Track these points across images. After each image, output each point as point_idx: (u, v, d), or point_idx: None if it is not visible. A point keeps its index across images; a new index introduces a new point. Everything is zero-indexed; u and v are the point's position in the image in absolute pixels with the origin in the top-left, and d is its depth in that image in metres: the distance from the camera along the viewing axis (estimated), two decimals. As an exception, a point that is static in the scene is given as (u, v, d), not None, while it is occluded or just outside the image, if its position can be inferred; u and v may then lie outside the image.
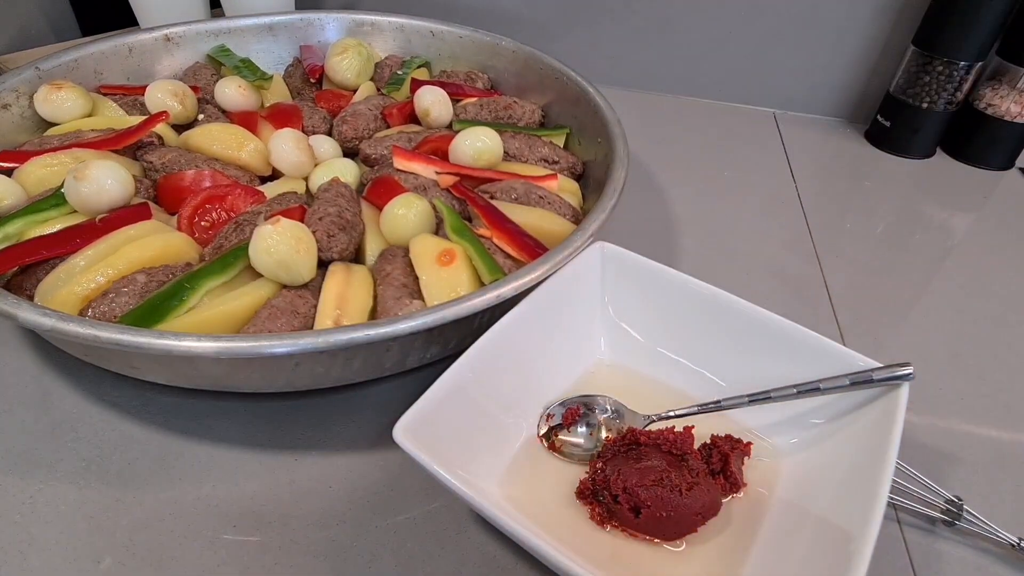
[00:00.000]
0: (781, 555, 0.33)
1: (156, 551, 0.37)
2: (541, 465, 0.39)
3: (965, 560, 0.39)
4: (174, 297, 0.41)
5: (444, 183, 0.56)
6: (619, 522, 0.36)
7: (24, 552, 0.36)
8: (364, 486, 0.41)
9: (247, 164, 0.57)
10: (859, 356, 0.38)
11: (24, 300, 0.37)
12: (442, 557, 0.37)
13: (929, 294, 0.62)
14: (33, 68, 0.60)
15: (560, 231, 0.51)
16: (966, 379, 0.52)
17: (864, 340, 0.55)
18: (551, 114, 0.70)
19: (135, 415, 0.44)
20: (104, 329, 0.35)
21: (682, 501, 0.34)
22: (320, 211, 0.48)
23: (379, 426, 0.44)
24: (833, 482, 0.35)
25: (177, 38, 0.71)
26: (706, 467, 0.37)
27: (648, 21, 0.92)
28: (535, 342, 0.42)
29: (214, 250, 0.48)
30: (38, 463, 0.41)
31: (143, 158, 0.56)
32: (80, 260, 0.44)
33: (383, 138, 0.62)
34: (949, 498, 0.40)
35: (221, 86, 0.65)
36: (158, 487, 0.40)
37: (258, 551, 0.37)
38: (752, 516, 0.36)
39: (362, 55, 0.72)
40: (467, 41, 0.76)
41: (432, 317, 0.38)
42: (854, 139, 0.90)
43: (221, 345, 0.35)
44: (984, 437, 0.47)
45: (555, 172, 0.60)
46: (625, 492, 0.35)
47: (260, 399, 0.46)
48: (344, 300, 0.43)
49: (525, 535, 0.29)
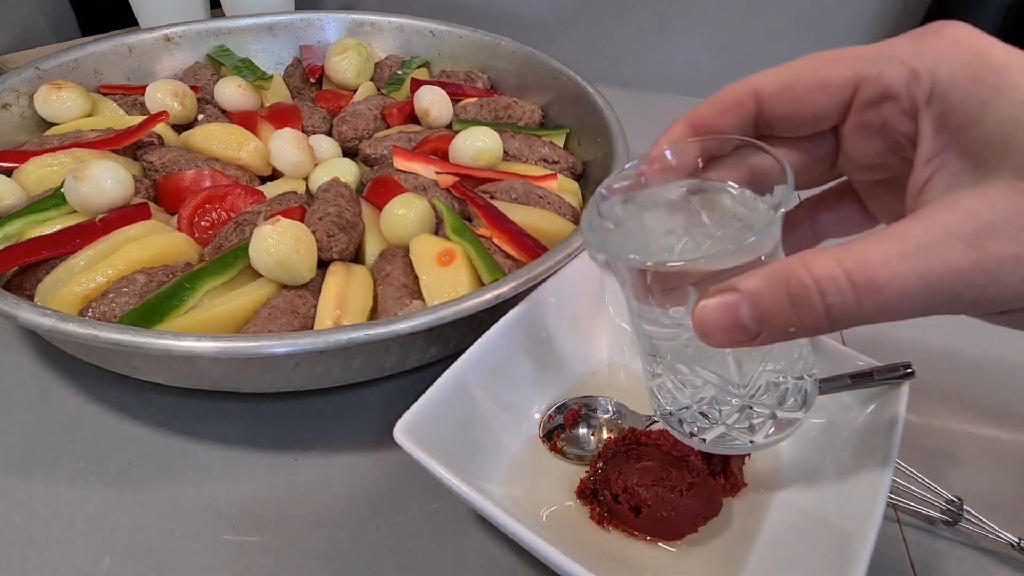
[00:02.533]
0: (781, 555, 0.33)
1: (156, 551, 0.37)
2: (542, 465, 0.39)
3: (965, 560, 0.39)
4: (174, 297, 0.41)
5: (444, 183, 0.56)
6: (619, 522, 0.36)
7: (24, 552, 0.36)
8: (364, 486, 0.41)
9: (247, 164, 0.57)
10: (860, 355, 0.38)
11: (24, 300, 0.37)
12: (442, 557, 0.37)
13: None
14: (33, 68, 0.60)
15: (560, 231, 0.51)
16: (966, 379, 0.52)
17: (864, 340, 0.55)
18: (551, 114, 0.70)
19: (135, 415, 0.44)
20: (104, 329, 0.35)
21: (682, 501, 0.34)
22: (320, 211, 0.48)
23: (379, 426, 0.44)
24: (833, 482, 0.35)
25: (177, 38, 0.71)
26: (706, 467, 0.37)
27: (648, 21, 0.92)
28: (536, 342, 0.42)
29: (214, 250, 0.48)
30: (38, 463, 0.41)
31: (143, 158, 0.56)
32: (80, 260, 0.44)
33: (383, 138, 0.63)
34: (949, 498, 0.40)
35: (221, 86, 0.65)
36: (158, 487, 0.40)
37: (258, 551, 0.37)
38: (752, 516, 0.36)
39: (362, 55, 0.72)
40: (467, 41, 0.76)
41: (432, 317, 0.38)
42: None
43: (221, 345, 0.35)
44: (984, 437, 0.47)
45: (555, 172, 0.60)
46: (625, 492, 0.35)
47: (260, 399, 0.46)
48: (344, 300, 0.43)
49: (525, 535, 0.29)
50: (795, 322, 0.22)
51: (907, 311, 0.21)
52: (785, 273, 0.21)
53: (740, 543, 0.35)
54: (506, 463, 0.39)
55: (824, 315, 0.21)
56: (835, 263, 0.21)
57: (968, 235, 0.20)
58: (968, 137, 0.21)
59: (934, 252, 0.20)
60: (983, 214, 0.20)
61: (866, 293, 0.20)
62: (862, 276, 0.20)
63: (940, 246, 0.20)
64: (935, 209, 0.21)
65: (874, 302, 0.20)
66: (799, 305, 0.21)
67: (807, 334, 0.22)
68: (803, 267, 0.21)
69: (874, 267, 0.20)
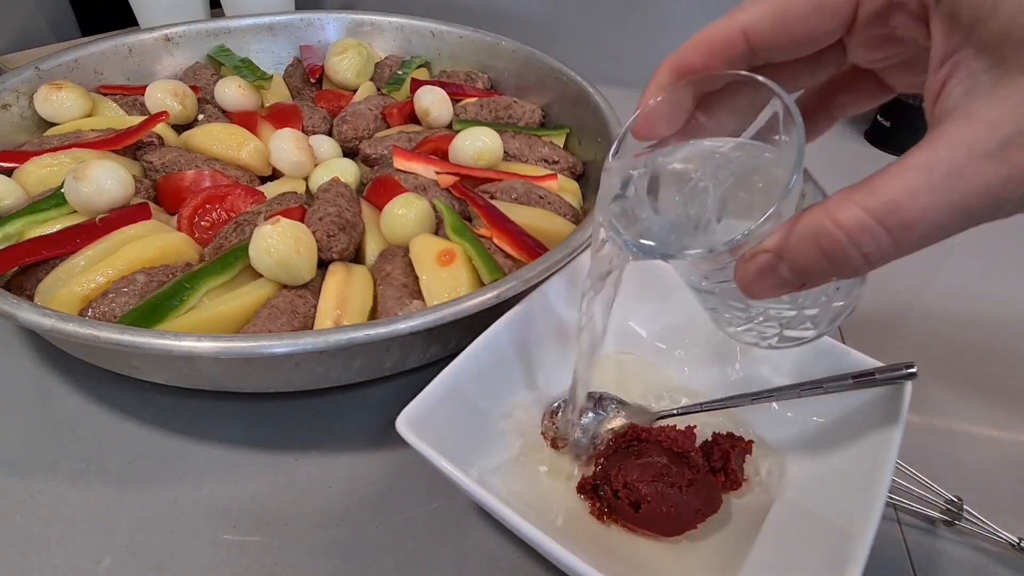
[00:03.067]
0: (780, 553, 0.33)
1: (156, 551, 0.37)
2: (543, 461, 0.39)
3: (965, 560, 0.39)
4: (174, 297, 0.41)
5: (444, 183, 0.56)
6: (620, 517, 0.36)
7: (24, 552, 0.36)
8: (364, 486, 0.41)
9: (247, 164, 0.57)
10: (862, 356, 0.38)
11: (24, 300, 0.37)
12: (442, 556, 0.37)
13: (929, 294, 0.62)
14: (33, 68, 0.60)
15: (560, 231, 0.51)
16: (966, 379, 0.52)
17: (864, 340, 0.55)
18: (551, 114, 0.70)
19: (135, 415, 0.44)
20: (104, 329, 0.35)
21: (682, 497, 0.35)
22: (320, 211, 0.48)
23: (379, 426, 0.44)
24: (833, 481, 0.35)
25: (177, 38, 0.71)
26: (707, 464, 0.37)
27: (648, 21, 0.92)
28: (538, 339, 0.42)
29: (214, 250, 0.48)
30: (38, 463, 0.41)
31: (143, 158, 0.56)
32: (80, 260, 0.44)
33: (383, 138, 0.62)
34: (949, 498, 0.40)
35: (221, 86, 0.65)
36: (158, 487, 0.40)
37: (258, 551, 0.37)
38: (752, 513, 0.36)
39: (362, 55, 0.72)
40: (467, 41, 0.76)
41: (432, 317, 0.38)
42: (854, 139, 0.90)
43: (221, 345, 0.35)
44: (984, 437, 0.47)
45: (555, 172, 0.60)
46: (626, 487, 0.35)
47: (260, 399, 0.46)
48: (344, 300, 0.43)
49: (527, 528, 0.29)
50: (835, 272, 0.21)
51: (948, 235, 0.20)
52: (814, 230, 0.21)
53: (739, 540, 0.35)
54: (508, 458, 0.39)
55: (864, 262, 0.21)
56: (861, 210, 0.20)
57: (995, 150, 0.19)
58: (982, 33, 0.20)
59: (963, 176, 0.19)
60: (1006, 124, 0.19)
61: (901, 233, 0.20)
62: (893, 219, 0.20)
63: (969, 169, 0.19)
64: (956, 125, 0.20)
65: (911, 239, 0.20)
66: (836, 259, 0.21)
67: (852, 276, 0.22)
68: (831, 221, 0.20)
69: (904, 206, 0.19)
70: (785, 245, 0.22)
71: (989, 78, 0.20)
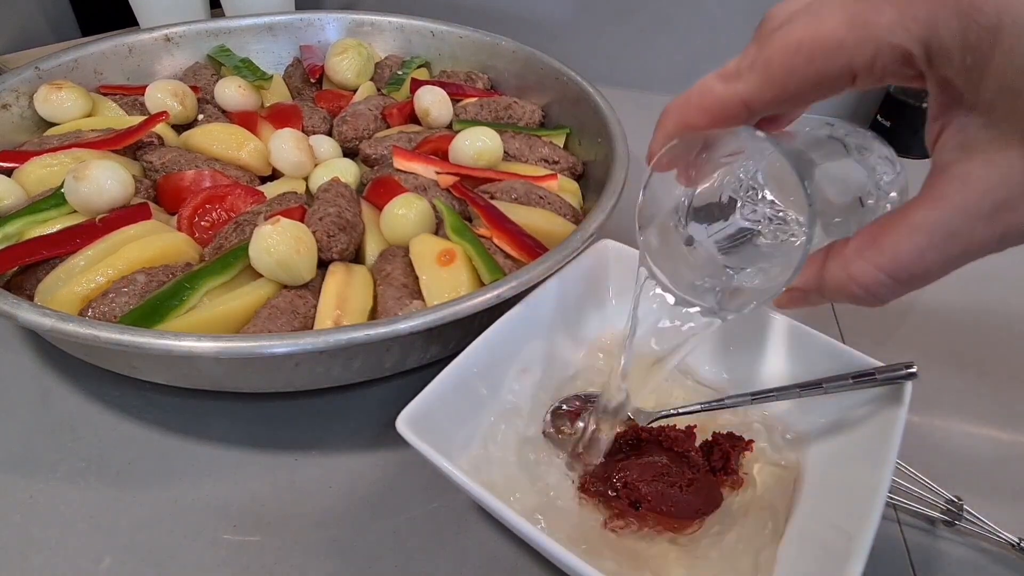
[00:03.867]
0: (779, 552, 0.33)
1: (156, 551, 0.37)
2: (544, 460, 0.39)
3: (965, 560, 0.39)
4: (174, 297, 0.41)
5: (444, 183, 0.56)
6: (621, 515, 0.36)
7: (24, 552, 0.36)
8: (364, 486, 0.41)
9: (247, 164, 0.57)
10: (862, 355, 0.38)
11: (24, 300, 0.37)
12: (442, 556, 0.37)
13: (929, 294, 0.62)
14: (33, 68, 0.60)
15: (560, 231, 0.51)
16: (966, 379, 0.52)
17: (864, 340, 0.55)
18: (551, 114, 0.70)
19: (135, 415, 0.44)
20: (104, 329, 0.35)
21: (682, 497, 0.35)
22: (320, 211, 0.48)
23: (379, 426, 0.44)
24: (833, 481, 0.35)
25: (177, 38, 0.71)
26: (707, 464, 0.37)
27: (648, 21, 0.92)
28: (538, 339, 0.42)
29: (214, 250, 0.48)
30: (38, 463, 0.41)
31: (143, 158, 0.56)
32: (80, 260, 0.44)
33: (383, 138, 0.63)
34: (949, 498, 0.40)
35: (221, 86, 0.65)
36: (158, 487, 0.40)
37: (258, 551, 0.37)
38: (752, 513, 0.36)
39: (362, 55, 0.72)
40: (467, 41, 0.76)
41: (432, 317, 0.38)
42: (854, 139, 0.90)
43: (221, 345, 0.35)
44: (984, 437, 0.47)
45: (555, 172, 0.60)
46: (626, 487, 0.35)
47: (260, 399, 0.46)
48: (344, 300, 0.43)
49: (527, 528, 0.29)
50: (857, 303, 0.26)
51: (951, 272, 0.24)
52: (839, 283, 0.25)
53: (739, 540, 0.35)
54: (509, 457, 0.39)
55: (880, 301, 0.25)
56: (875, 270, 0.24)
57: (989, 213, 0.22)
58: (972, 99, 0.21)
59: (962, 235, 0.22)
60: (999, 190, 0.21)
61: (911, 282, 0.24)
62: (904, 274, 0.24)
63: (965, 230, 0.22)
64: (954, 189, 0.22)
65: (921, 283, 0.24)
66: (858, 300, 0.25)
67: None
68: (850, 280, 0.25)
69: (912, 263, 0.23)
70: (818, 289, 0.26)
71: (982, 136, 0.22)
